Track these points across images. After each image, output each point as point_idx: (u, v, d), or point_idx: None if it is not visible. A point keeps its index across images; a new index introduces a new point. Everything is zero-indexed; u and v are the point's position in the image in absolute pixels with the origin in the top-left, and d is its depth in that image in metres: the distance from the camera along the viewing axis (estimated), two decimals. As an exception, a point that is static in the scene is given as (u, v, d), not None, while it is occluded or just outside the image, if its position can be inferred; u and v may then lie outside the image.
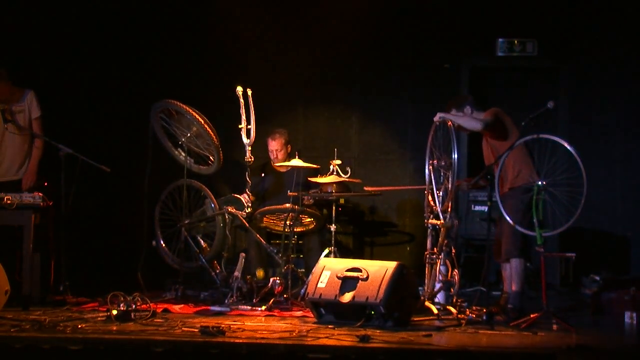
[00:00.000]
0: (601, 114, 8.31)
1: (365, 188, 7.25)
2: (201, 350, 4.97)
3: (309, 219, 7.15)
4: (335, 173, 6.88)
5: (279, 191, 7.47)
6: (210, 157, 7.08)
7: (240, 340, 5.05)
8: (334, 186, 6.92)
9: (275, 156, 7.48)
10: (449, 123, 6.28)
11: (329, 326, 5.58)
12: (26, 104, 6.90)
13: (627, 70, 8.26)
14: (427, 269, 6.42)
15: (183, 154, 7.05)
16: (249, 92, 6.92)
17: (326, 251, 6.85)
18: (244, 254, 6.70)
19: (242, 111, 6.89)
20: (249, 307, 6.30)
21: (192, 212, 7.12)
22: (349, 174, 6.88)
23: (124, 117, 8.19)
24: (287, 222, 6.81)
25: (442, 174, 6.34)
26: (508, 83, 8.76)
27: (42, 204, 6.41)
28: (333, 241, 6.85)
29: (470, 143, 8.16)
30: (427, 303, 6.17)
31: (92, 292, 6.62)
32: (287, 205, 6.82)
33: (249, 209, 6.91)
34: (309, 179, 7.02)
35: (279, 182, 7.54)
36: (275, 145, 7.46)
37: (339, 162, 6.89)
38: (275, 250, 6.86)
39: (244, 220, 6.92)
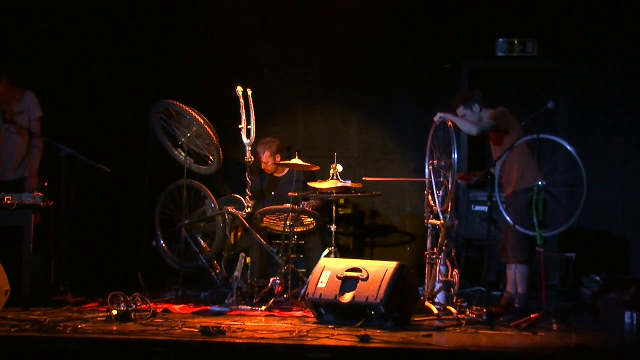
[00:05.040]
0: (601, 114, 8.29)
1: (364, 178, 7.25)
2: (201, 350, 4.98)
3: (309, 219, 7.14)
4: (335, 177, 6.86)
5: (278, 191, 7.47)
6: (210, 157, 7.08)
7: (240, 340, 5.06)
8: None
9: (265, 166, 7.51)
10: (449, 123, 6.28)
11: (329, 326, 5.58)
12: (26, 104, 6.90)
13: (627, 70, 8.24)
14: (427, 269, 6.43)
15: (183, 154, 7.05)
16: (249, 92, 6.92)
17: (326, 251, 6.85)
18: (244, 254, 6.70)
19: (242, 111, 6.89)
20: (249, 307, 6.30)
21: (192, 212, 7.12)
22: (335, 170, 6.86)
23: (124, 117, 8.19)
24: (287, 222, 6.81)
25: (442, 173, 6.35)
26: (508, 83, 8.73)
27: (42, 204, 6.41)
28: (333, 241, 6.85)
29: (471, 143, 8.15)
30: (427, 303, 6.17)
31: (92, 292, 6.62)
32: (287, 205, 6.81)
33: (248, 209, 6.91)
34: (308, 184, 6.99)
35: (277, 183, 7.53)
36: (264, 158, 7.48)
37: (340, 168, 6.87)
38: (275, 250, 6.86)
39: (244, 220, 6.91)
